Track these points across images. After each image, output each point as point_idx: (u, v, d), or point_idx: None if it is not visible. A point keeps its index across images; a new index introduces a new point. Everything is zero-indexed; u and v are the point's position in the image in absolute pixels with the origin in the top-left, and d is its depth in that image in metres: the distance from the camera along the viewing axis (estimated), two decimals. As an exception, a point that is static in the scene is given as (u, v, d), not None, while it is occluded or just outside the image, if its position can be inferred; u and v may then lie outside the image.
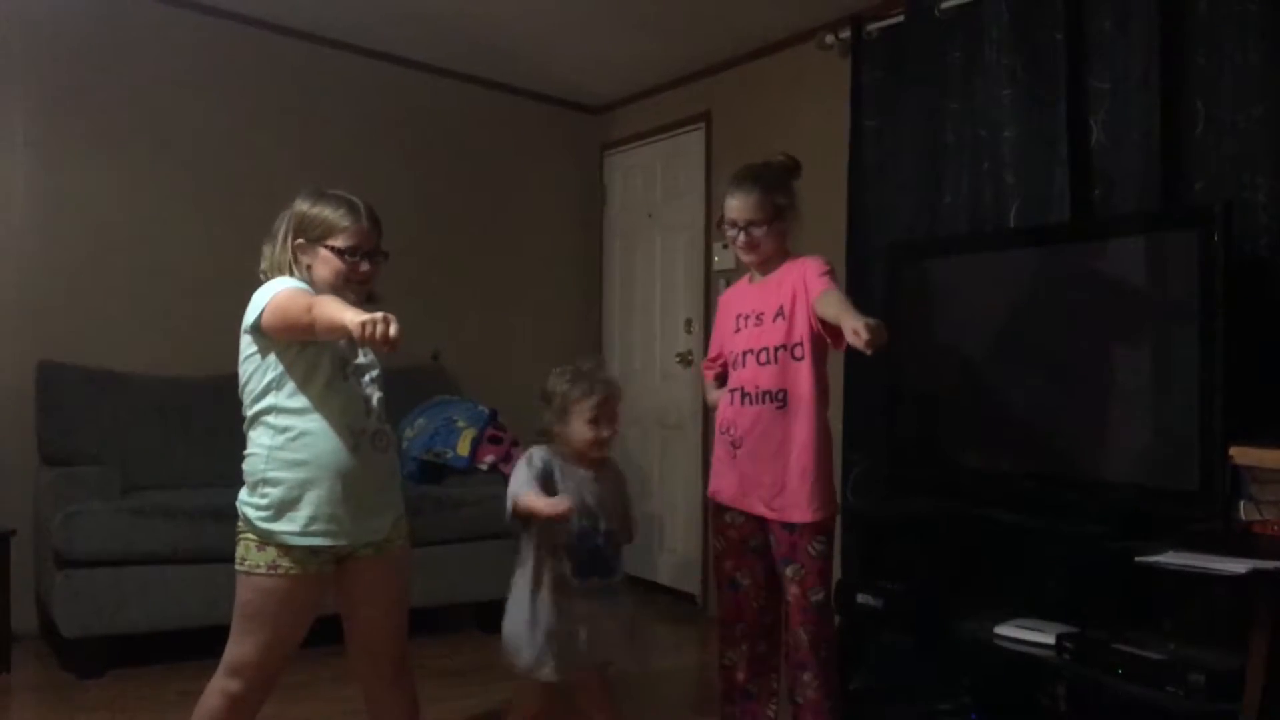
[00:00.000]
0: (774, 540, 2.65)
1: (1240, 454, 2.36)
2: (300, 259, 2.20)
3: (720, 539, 2.75)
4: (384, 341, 1.85)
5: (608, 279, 5.45)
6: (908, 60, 3.59)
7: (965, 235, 3.32)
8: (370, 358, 2.27)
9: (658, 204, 5.12)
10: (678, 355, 4.86)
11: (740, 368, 2.69)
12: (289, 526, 2.10)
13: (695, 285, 4.79)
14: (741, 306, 2.73)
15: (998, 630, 2.78)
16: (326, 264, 2.18)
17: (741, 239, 2.66)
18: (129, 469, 3.88)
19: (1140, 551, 2.39)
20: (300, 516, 2.10)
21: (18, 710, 3.35)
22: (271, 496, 2.11)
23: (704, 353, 4.28)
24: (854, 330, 2.25)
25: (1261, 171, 2.65)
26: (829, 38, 3.91)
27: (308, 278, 2.19)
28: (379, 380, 2.27)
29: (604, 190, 5.46)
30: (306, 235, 2.19)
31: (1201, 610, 2.56)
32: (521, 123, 5.23)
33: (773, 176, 2.66)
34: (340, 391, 2.16)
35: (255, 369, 2.14)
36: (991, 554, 3.05)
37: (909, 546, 3.24)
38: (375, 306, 2.00)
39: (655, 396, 5.02)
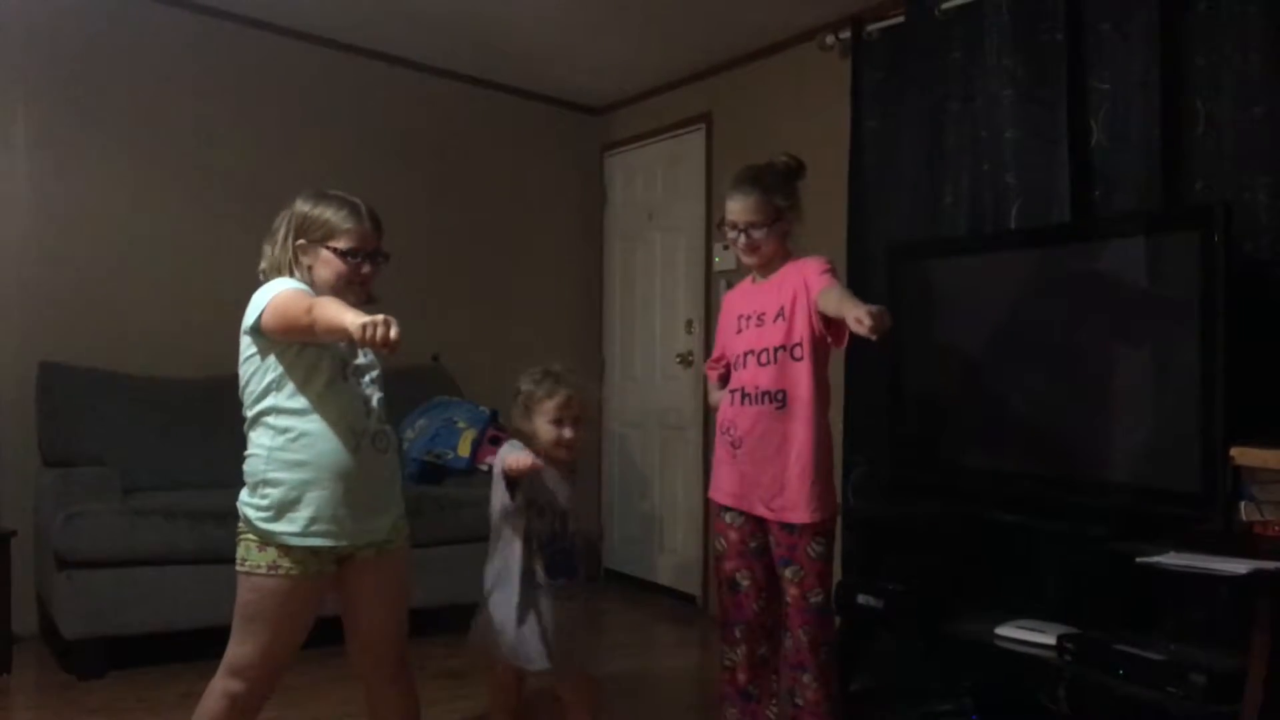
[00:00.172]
0: (773, 541, 2.65)
1: (1241, 455, 2.36)
2: (301, 260, 2.19)
3: (720, 540, 2.75)
4: (384, 343, 1.85)
5: (608, 279, 5.45)
6: (908, 61, 3.58)
7: (965, 236, 3.32)
8: (370, 358, 2.27)
9: (658, 205, 5.12)
10: (678, 356, 4.86)
11: (741, 368, 2.69)
12: (289, 527, 2.10)
13: (696, 286, 4.79)
14: (743, 307, 2.73)
15: (998, 631, 2.78)
16: (328, 265, 2.18)
17: (742, 241, 2.66)
18: (130, 470, 3.87)
19: (1141, 552, 2.39)
20: (301, 517, 2.10)
21: (18, 711, 3.35)
22: (272, 497, 2.11)
23: (705, 353, 4.29)
24: (857, 319, 2.25)
25: (1262, 171, 2.65)
26: (829, 38, 3.91)
27: (308, 278, 2.18)
28: (379, 381, 2.27)
29: (605, 191, 5.46)
30: (308, 236, 2.19)
31: (1202, 611, 2.56)
32: (522, 123, 5.24)
33: (773, 178, 2.66)
34: (340, 392, 2.16)
35: (255, 370, 2.14)
36: (992, 555, 3.05)
37: (910, 547, 3.24)
38: (375, 307, 2.00)
39: (656, 397, 5.02)
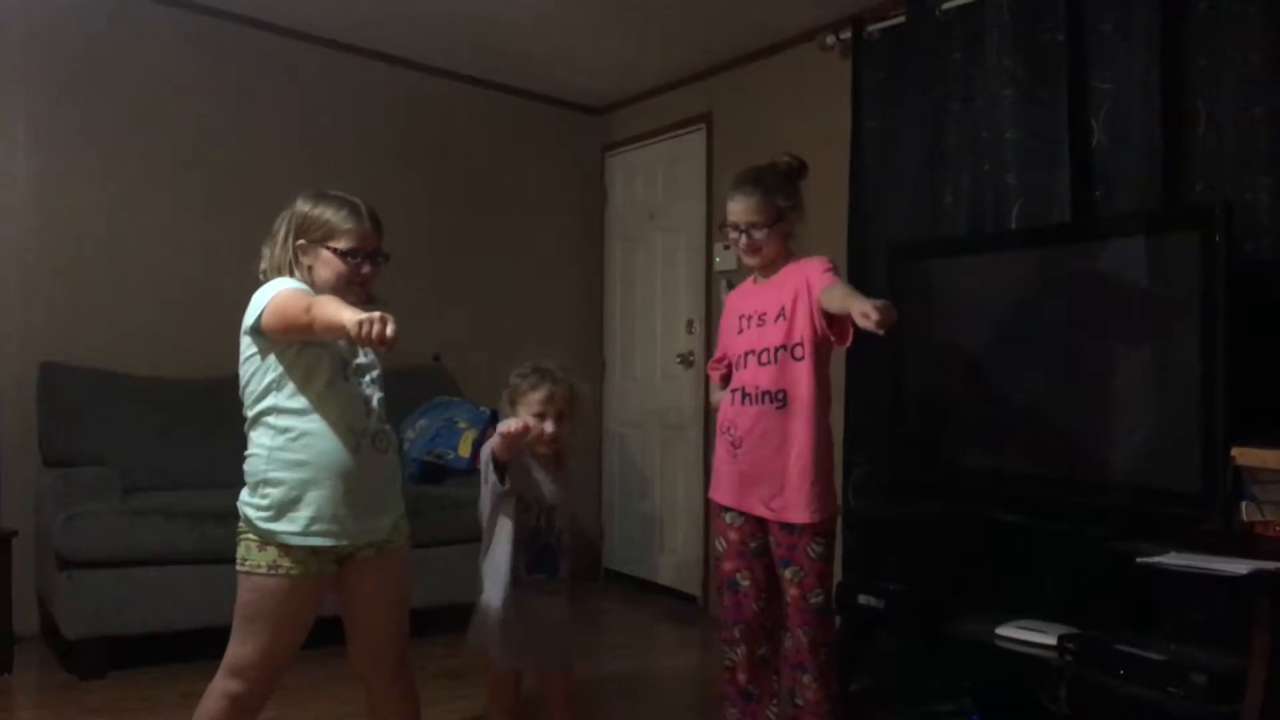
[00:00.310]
0: (773, 541, 2.65)
1: (1242, 455, 2.36)
2: (301, 260, 2.19)
3: (720, 540, 2.75)
4: (380, 341, 1.85)
5: (609, 280, 5.45)
6: (909, 61, 3.58)
7: (966, 236, 3.32)
8: (371, 358, 2.27)
9: (659, 205, 5.12)
10: (679, 356, 4.86)
11: (742, 368, 2.69)
12: (290, 527, 2.10)
13: (696, 286, 4.79)
14: (745, 307, 2.73)
15: (999, 631, 2.78)
16: (328, 265, 2.18)
17: (743, 241, 2.66)
18: (130, 470, 3.87)
19: (1142, 552, 2.39)
20: (301, 517, 2.10)
21: (19, 711, 3.35)
22: (272, 497, 2.11)
23: (705, 353, 4.28)
24: (863, 313, 2.25)
25: (1262, 171, 2.65)
26: (830, 39, 3.91)
27: (308, 279, 2.18)
28: (380, 381, 2.27)
29: (605, 191, 5.46)
30: (308, 236, 2.19)
31: (1203, 611, 2.56)
32: (523, 124, 5.24)
33: (774, 178, 2.66)
34: (340, 392, 2.16)
35: (255, 370, 2.14)
36: (993, 555, 3.05)
37: (910, 547, 3.24)
38: (375, 308, 1.99)
39: (656, 397, 5.02)
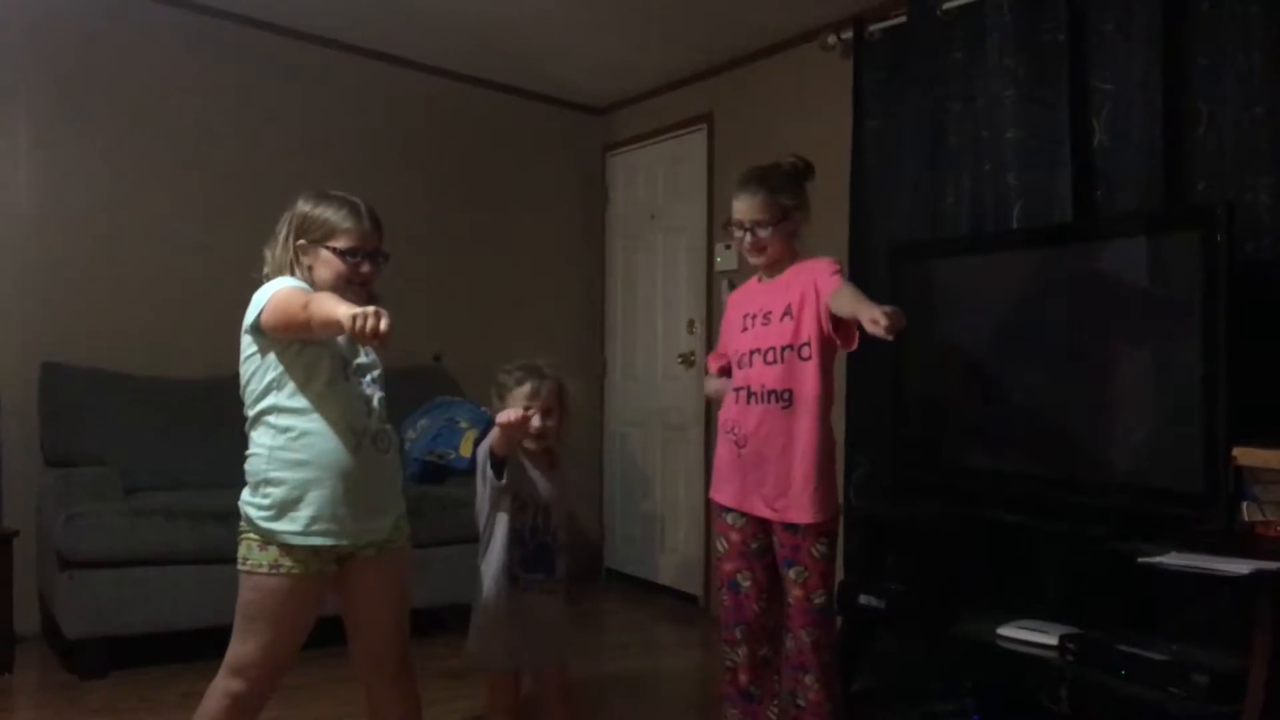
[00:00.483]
0: (777, 542, 2.64)
1: (1243, 455, 2.36)
2: (301, 260, 2.20)
3: (722, 541, 2.75)
4: (374, 335, 1.85)
5: (610, 280, 5.45)
6: (910, 61, 3.58)
7: (967, 236, 3.32)
8: (372, 358, 2.27)
9: (660, 205, 5.12)
10: (680, 356, 4.86)
11: (747, 367, 2.68)
12: (291, 526, 2.10)
13: (698, 286, 4.79)
14: (749, 306, 2.73)
15: (1000, 631, 2.77)
16: (328, 265, 2.18)
17: (748, 240, 2.66)
18: (131, 470, 3.88)
19: (1143, 552, 2.39)
20: (302, 516, 2.10)
21: (21, 711, 3.35)
22: (273, 496, 2.11)
23: (706, 354, 4.27)
24: (872, 319, 2.26)
25: (1264, 171, 2.65)
26: (831, 38, 3.91)
27: (309, 278, 2.19)
28: (381, 380, 2.27)
29: (606, 191, 5.46)
30: (308, 236, 2.19)
31: (1204, 611, 2.56)
32: (524, 124, 5.24)
33: (779, 178, 2.66)
34: (341, 392, 2.16)
35: (256, 369, 2.15)
36: (994, 555, 3.05)
37: (911, 547, 3.24)
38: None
39: (658, 397, 5.02)
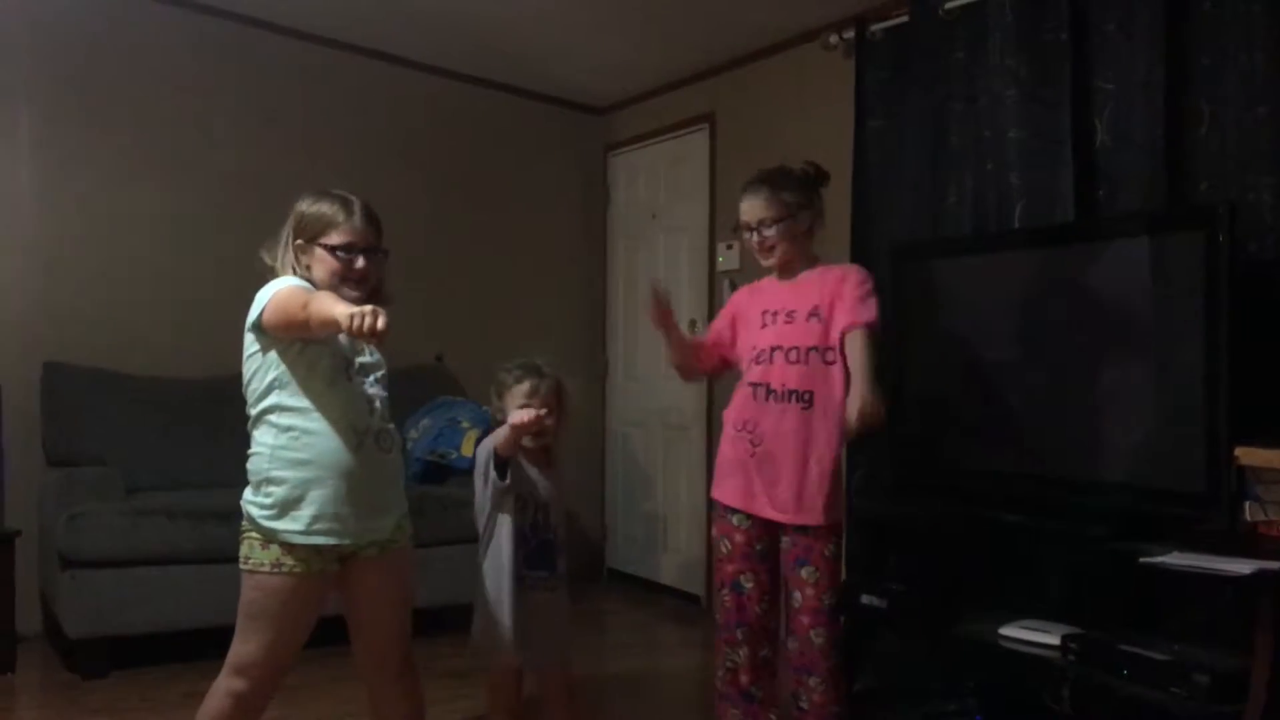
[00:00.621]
0: (788, 543, 2.63)
1: (1245, 455, 2.36)
2: (300, 259, 2.20)
3: (725, 542, 2.74)
4: (371, 333, 1.86)
5: (611, 280, 5.45)
6: (912, 61, 3.58)
7: (969, 236, 3.31)
8: (375, 358, 2.27)
9: (662, 205, 5.12)
10: (681, 356, 4.85)
11: (766, 363, 2.66)
12: (292, 525, 2.11)
13: (699, 286, 4.78)
14: (769, 303, 2.71)
15: (1002, 631, 2.77)
16: (322, 263, 2.19)
17: (755, 240, 2.66)
18: (133, 470, 3.88)
19: (1145, 552, 2.38)
20: (304, 515, 2.11)
21: (22, 711, 3.35)
22: (275, 495, 2.11)
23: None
24: (850, 415, 2.45)
25: (1266, 171, 2.65)
26: (833, 38, 3.91)
27: (309, 277, 2.19)
28: (383, 380, 2.27)
29: (608, 191, 5.46)
30: (305, 235, 2.20)
31: (1206, 611, 2.56)
32: (525, 124, 5.24)
33: (783, 178, 2.66)
34: (343, 391, 2.16)
35: (258, 368, 2.15)
36: (996, 555, 3.05)
37: (913, 548, 3.24)
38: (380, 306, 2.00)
39: (659, 397, 5.02)
